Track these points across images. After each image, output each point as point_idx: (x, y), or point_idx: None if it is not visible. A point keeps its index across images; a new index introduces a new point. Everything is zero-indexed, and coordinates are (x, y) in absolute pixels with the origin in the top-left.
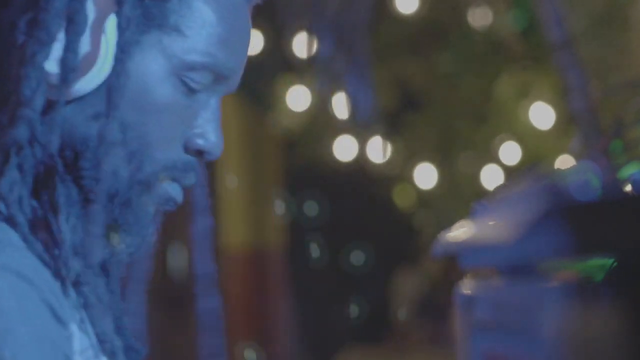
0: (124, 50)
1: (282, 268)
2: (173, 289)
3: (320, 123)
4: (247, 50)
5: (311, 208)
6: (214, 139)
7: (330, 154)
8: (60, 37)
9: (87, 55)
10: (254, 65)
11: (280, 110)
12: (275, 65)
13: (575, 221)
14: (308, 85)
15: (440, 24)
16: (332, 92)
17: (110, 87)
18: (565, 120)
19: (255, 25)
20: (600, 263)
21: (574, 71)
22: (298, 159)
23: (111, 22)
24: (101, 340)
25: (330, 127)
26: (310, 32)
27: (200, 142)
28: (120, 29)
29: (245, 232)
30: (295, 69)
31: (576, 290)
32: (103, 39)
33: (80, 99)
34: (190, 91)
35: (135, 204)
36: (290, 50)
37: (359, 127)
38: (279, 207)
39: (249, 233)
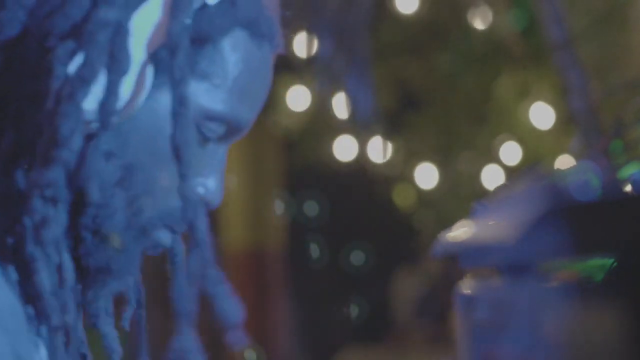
0: (151, 93)
1: (282, 268)
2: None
3: (320, 123)
4: (262, 105)
5: (311, 208)
6: (216, 188)
7: (330, 154)
8: (102, 75)
9: (128, 94)
10: None
11: (280, 110)
12: (275, 65)
13: (575, 221)
14: (308, 85)
15: (440, 24)
16: (332, 92)
17: (127, 128)
18: (565, 120)
19: None
20: (600, 263)
21: (574, 71)
22: (298, 159)
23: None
24: None
25: (330, 127)
26: (310, 32)
27: (201, 191)
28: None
29: (245, 232)
30: (295, 69)
31: (576, 290)
32: (141, 77)
33: (97, 134)
34: (204, 140)
35: (129, 249)
36: (290, 50)
37: (359, 127)
38: (279, 207)
39: (249, 233)
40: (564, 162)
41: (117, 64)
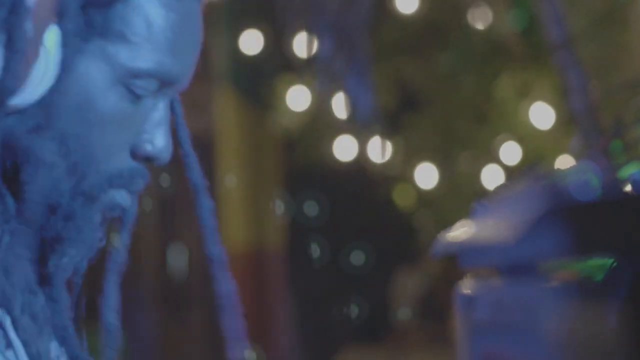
0: (65, 62)
1: (282, 268)
2: (173, 289)
3: (320, 123)
4: (196, 55)
5: (311, 208)
6: (162, 143)
7: (330, 154)
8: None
9: (25, 70)
10: (254, 65)
11: (280, 110)
12: (275, 65)
13: (575, 221)
14: (308, 85)
15: (440, 24)
16: (332, 92)
17: (51, 100)
18: (565, 120)
19: (255, 25)
20: (600, 263)
21: (574, 71)
22: (298, 159)
23: (51, 34)
24: (30, 356)
25: (330, 127)
26: (310, 32)
27: (148, 147)
28: (63, 42)
29: (245, 232)
30: (295, 69)
31: (576, 290)
32: (43, 51)
33: (22, 110)
34: (136, 98)
35: (78, 216)
36: (290, 50)
37: (359, 127)
38: (279, 207)
39: (249, 233)
40: (564, 162)
41: (12, 43)
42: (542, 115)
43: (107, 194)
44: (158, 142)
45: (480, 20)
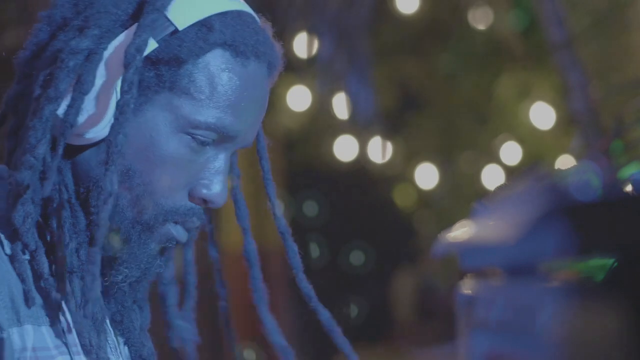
0: (135, 108)
1: (282, 268)
2: None
3: (320, 123)
4: (259, 115)
5: (311, 208)
6: (217, 190)
7: (330, 154)
8: (70, 93)
9: (96, 110)
10: None
11: (280, 110)
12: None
13: (576, 221)
14: (308, 85)
15: (440, 24)
16: (332, 92)
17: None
18: (565, 120)
19: None
20: (600, 263)
21: (574, 71)
22: (298, 159)
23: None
24: (83, 345)
25: (330, 127)
26: (311, 32)
27: (204, 191)
28: (122, 91)
29: None
30: (295, 69)
31: (576, 290)
32: (114, 96)
33: (96, 144)
34: (198, 146)
35: (133, 241)
36: (291, 50)
37: (359, 127)
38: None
39: None
40: (564, 162)
41: (81, 85)
42: (542, 115)
43: (163, 227)
44: (214, 188)
45: (480, 20)
